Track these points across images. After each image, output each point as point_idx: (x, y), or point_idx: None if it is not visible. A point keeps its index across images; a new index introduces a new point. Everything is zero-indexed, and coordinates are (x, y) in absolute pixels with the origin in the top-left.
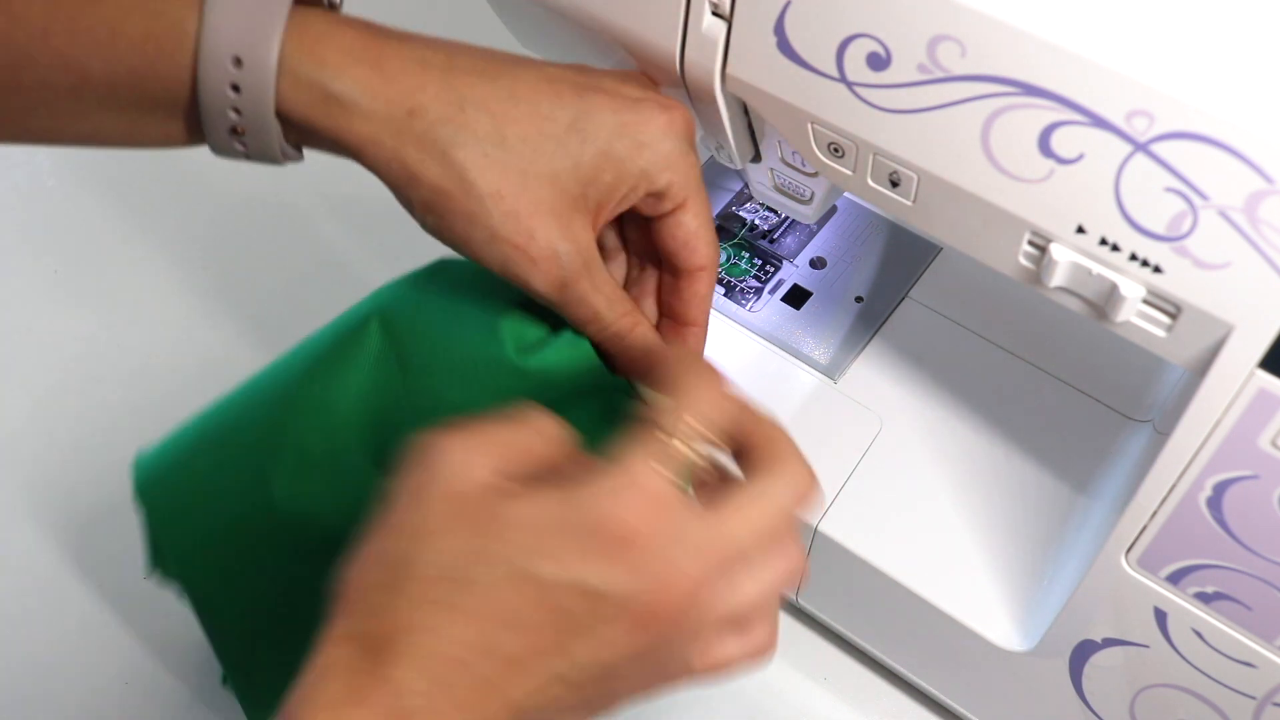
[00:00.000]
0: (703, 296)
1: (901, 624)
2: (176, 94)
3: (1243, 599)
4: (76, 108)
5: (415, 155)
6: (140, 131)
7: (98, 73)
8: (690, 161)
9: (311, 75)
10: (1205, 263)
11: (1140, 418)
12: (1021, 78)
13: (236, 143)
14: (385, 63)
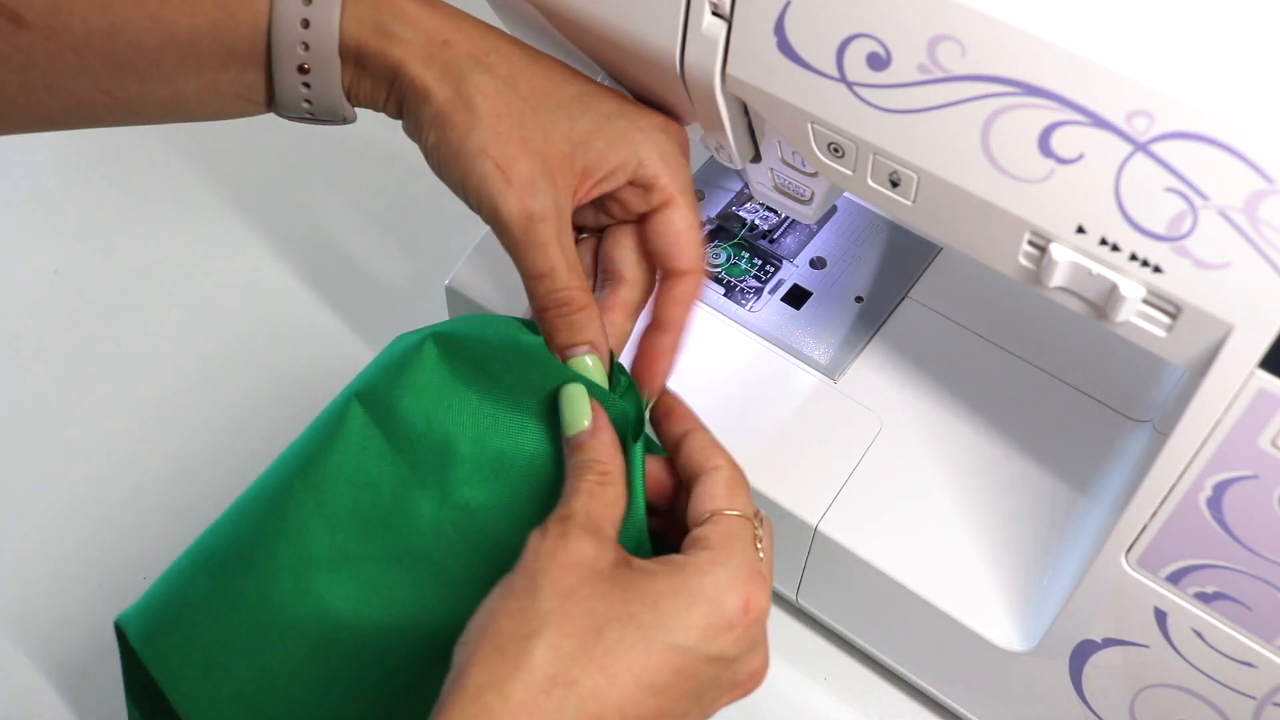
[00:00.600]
0: (686, 299)
1: (901, 624)
2: (252, 41)
3: (1243, 599)
4: (161, 69)
5: (435, 76)
6: (216, 89)
7: (184, 28)
8: (681, 164)
9: (369, 13)
10: (1205, 263)
11: (1140, 418)
12: (1021, 78)
13: (302, 84)
14: (425, 8)
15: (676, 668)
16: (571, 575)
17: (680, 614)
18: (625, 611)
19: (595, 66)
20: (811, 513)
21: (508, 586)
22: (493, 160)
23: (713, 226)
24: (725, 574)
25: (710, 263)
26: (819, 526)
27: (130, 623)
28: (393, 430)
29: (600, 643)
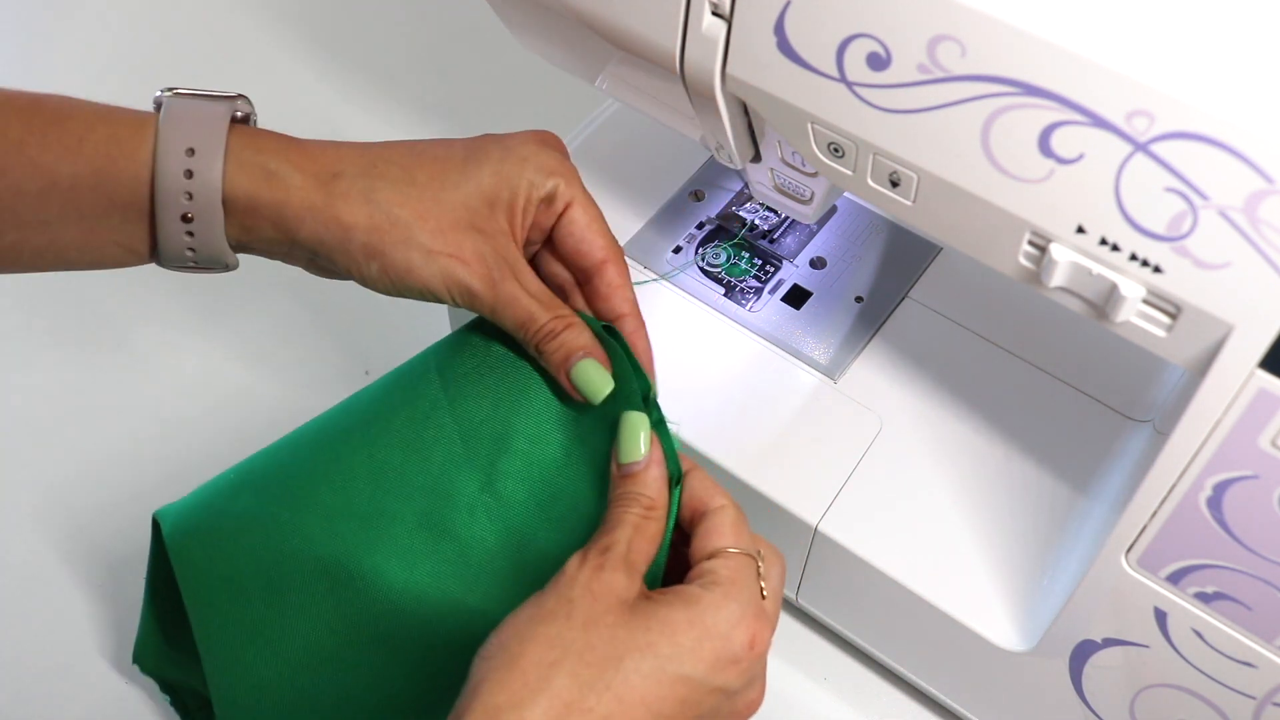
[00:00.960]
0: (619, 286)
1: (901, 624)
2: (134, 191)
3: (1243, 599)
4: (42, 217)
5: (344, 207)
6: (96, 239)
7: (65, 176)
8: (569, 168)
9: (253, 159)
10: (1205, 263)
11: (1140, 418)
12: (1021, 78)
13: (185, 233)
14: (308, 148)
15: (684, 697)
16: (599, 605)
17: (694, 647)
18: (645, 641)
19: (594, 68)
20: (811, 513)
21: (539, 607)
22: (443, 255)
23: (713, 226)
24: (736, 610)
25: (711, 262)
26: (819, 526)
27: (167, 518)
28: (460, 408)
29: (618, 672)
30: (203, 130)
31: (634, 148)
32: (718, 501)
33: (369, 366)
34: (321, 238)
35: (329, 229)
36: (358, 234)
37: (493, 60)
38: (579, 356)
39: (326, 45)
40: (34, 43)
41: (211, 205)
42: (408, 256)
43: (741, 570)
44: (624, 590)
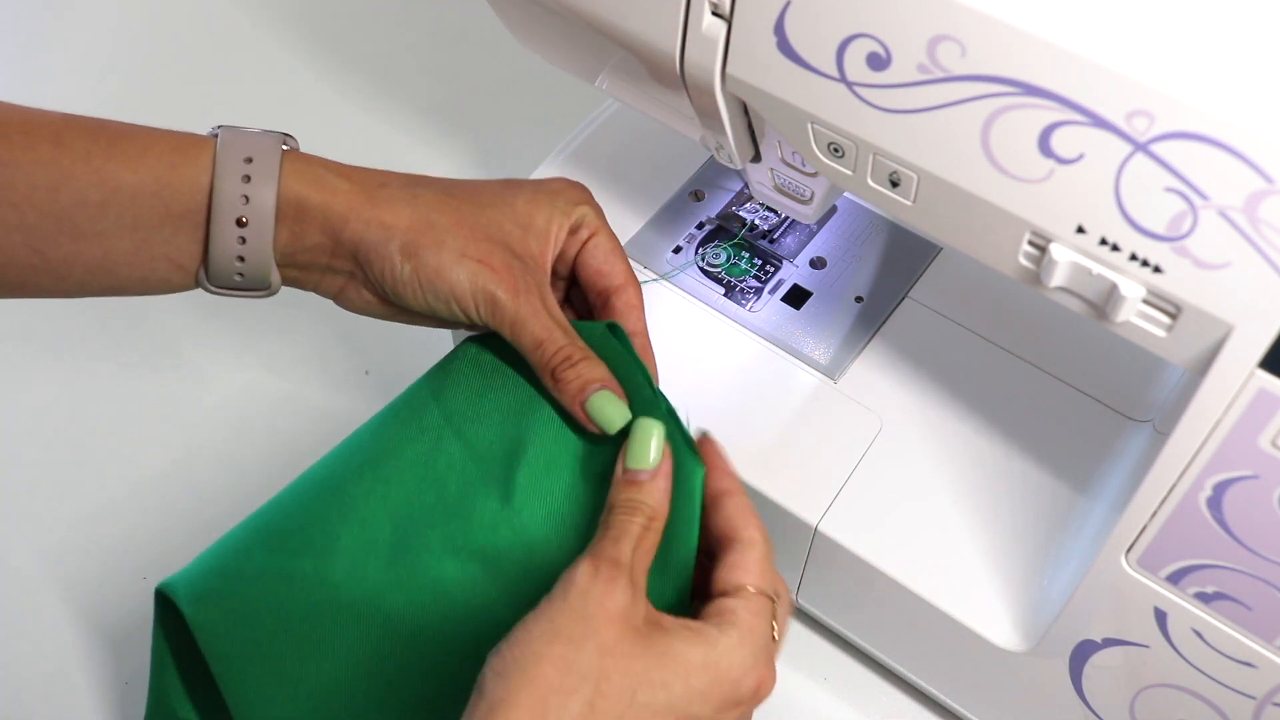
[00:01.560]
0: (635, 307)
1: (901, 624)
2: (193, 198)
3: (1243, 599)
4: (99, 226)
5: (387, 209)
6: (148, 250)
7: (128, 184)
8: (594, 205)
9: (305, 168)
10: (1205, 263)
11: (1140, 418)
12: (1021, 78)
13: (238, 239)
14: (356, 167)
15: None
16: (614, 630)
17: (705, 690)
18: (660, 680)
19: (594, 68)
20: (811, 513)
21: (553, 625)
22: (473, 258)
23: (713, 226)
24: (748, 658)
25: (711, 262)
26: (819, 526)
27: (179, 588)
28: (466, 433)
29: (631, 707)
30: (259, 147)
31: (634, 148)
32: (749, 533)
33: (369, 366)
34: (364, 236)
35: (371, 228)
36: (397, 233)
37: (493, 60)
38: (595, 388)
39: (326, 45)
40: (34, 43)
41: (266, 208)
42: (440, 258)
43: (760, 613)
44: (631, 611)
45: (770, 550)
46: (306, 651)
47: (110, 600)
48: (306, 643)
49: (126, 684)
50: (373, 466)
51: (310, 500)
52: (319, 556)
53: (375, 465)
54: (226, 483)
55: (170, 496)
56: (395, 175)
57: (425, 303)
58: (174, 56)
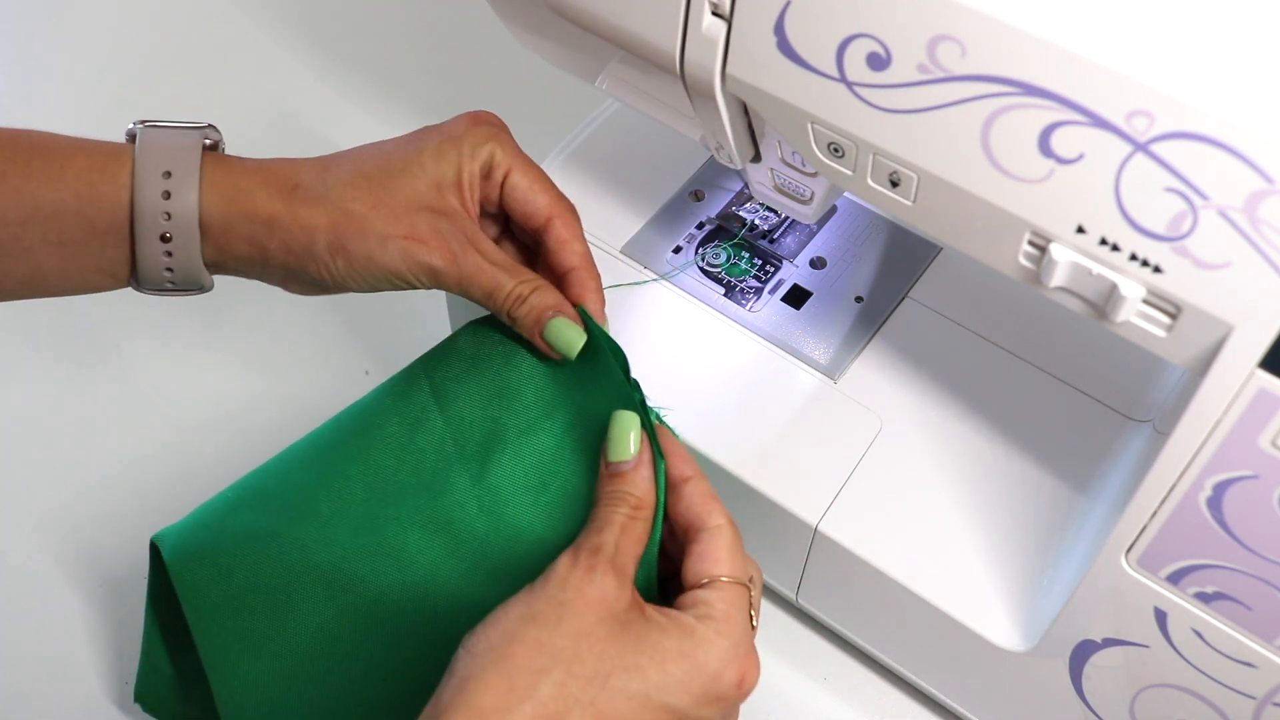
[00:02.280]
0: (566, 240)
1: (901, 624)
2: (115, 215)
3: (1243, 599)
4: (24, 244)
5: (305, 212)
6: (77, 265)
7: (48, 203)
8: (503, 138)
9: (224, 179)
10: (1205, 263)
11: (1140, 418)
12: (1021, 78)
13: (164, 253)
14: (271, 166)
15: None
16: (591, 614)
17: (683, 680)
18: (634, 663)
19: (594, 68)
20: (811, 513)
21: (530, 609)
22: (399, 238)
23: (713, 226)
24: (728, 649)
25: (711, 262)
26: (819, 526)
27: (166, 541)
28: (450, 410)
29: (604, 690)
30: (178, 155)
31: (634, 148)
32: (715, 520)
33: (369, 366)
34: (290, 246)
35: (295, 236)
36: (320, 235)
37: (493, 60)
38: (549, 315)
39: (326, 45)
40: (34, 43)
41: (189, 224)
42: (366, 246)
43: (735, 603)
44: (615, 598)
45: (737, 535)
46: (275, 610)
47: (109, 602)
48: (276, 602)
49: (126, 683)
50: (358, 437)
51: (298, 465)
52: (296, 520)
53: (361, 435)
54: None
55: (171, 499)
56: (308, 167)
57: (369, 285)
58: (174, 56)
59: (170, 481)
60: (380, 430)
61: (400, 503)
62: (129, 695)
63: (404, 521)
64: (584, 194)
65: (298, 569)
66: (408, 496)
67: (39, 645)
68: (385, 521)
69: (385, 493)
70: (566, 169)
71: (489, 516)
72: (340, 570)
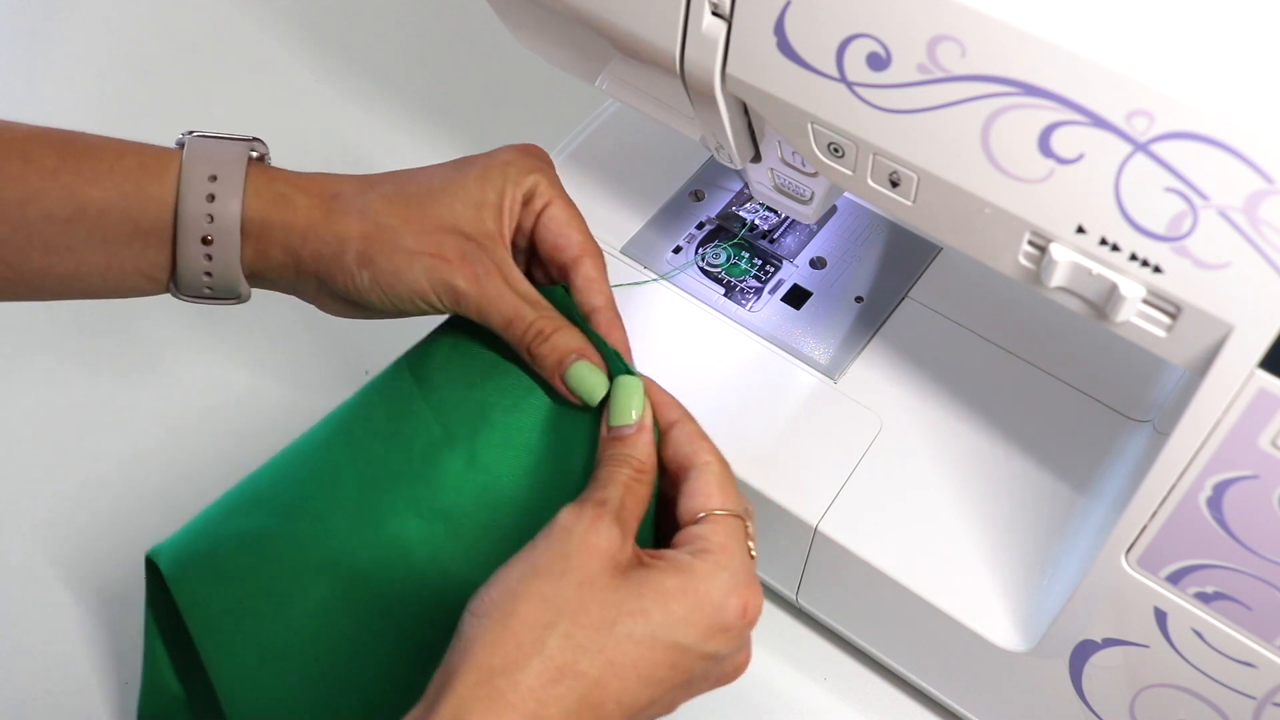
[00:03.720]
0: (594, 280)
1: (901, 624)
2: (159, 216)
3: (1243, 599)
4: (69, 242)
5: (341, 220)
6: (119, 264)
7: (95, 201)
8: (548, 172)
9: (267, 186)
10: (1205, 263)
11: (1140, 418)
12: (1021, 78)
13: (204, 256)
14: (315, 176)
15: (674, 663)
16: (595, 564)
17: (686, 616)
18: (639, 608)
19: (594, 68)
20: (811, 513)
21: (532, 565)
22: (426, 253)
23: (713, 226)
24: (728, 580)
25: (711, 262)
26: (819, 526)
27: (164, 554)
28: (435, 396)
29: (611, 636)
30: (224, 162)
31: (634, 148)
32: (704, 458)
33: (369, 366)
34: (321, 253)
35: (327, 244)
36: (350, 244)
37: (493, 60)
38: (573, 359)
39: (326, 45)
40: (34, 43)
41: (230, 228)
42: (394, 261)
43: (731, 534)
44: (618, 549)
45: (728, 470)
46: (277, 611)
47: (107, 608)
48: (277, 603)
49: (126, 684)
50: (345, 431)
51: (288, 466)
52: (290, 517)
53: (348, 429)
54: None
55: (171, 500)
56: (351, 181)
57: (391, 304)
58: (174, 56)
59: (170, 482)
60: (367, 422)
61: (395, 491)
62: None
63: (401, 511)
64: (584, 194)
65: (297, 567)
66: (402, 484)
67: (37, 648)
68: (382, 512)
69: (378, 482)
70: (566, 169)
71: (487, 499)
72: (341, 565)
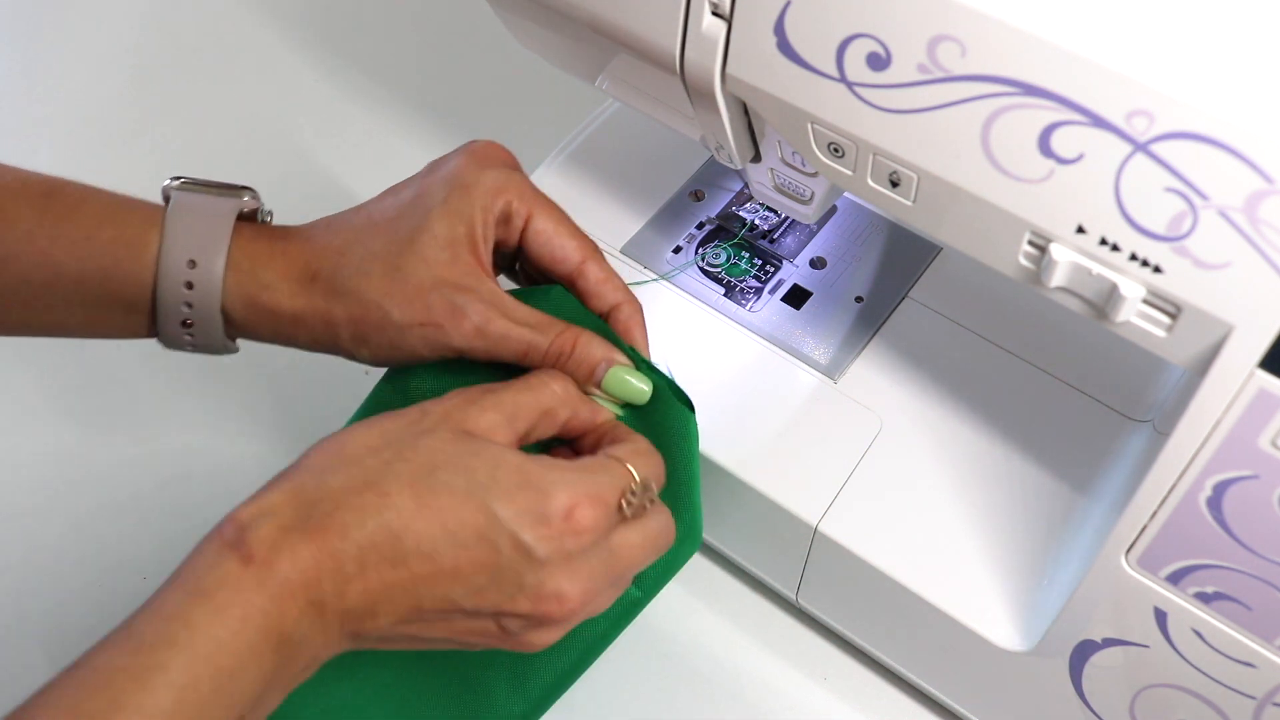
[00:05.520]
0: (604, 280)
1: (901, 624)
2: (137, 292)
3: (1243, 599)
4: (47, 302)
5: (325, 305)
6: (100, 323)
7: (71, 271)
8: (517, 179)
9: (249, 269)
10: (1205, 263)
11: (1140, 418)
12: (1021, 78)
13: (185, 334)
14: (290, 249)
15: (482, 530)
16: (446, 426)
17: (509, 487)
18: (467, 465)
19: (594, 68)
20: (811, 513)
21: (398, 411)
22: (416, 324)
23: (713, 226)
24: (567, 479)
25: (711, 262)
26: (819, 526)
27: None
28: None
29: (429, 476)
30: (206, 237)
31: (634, 148)
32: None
33: (368, 367)
34: (315, 338)
35: (319, 331)
36: (341, 329)
37: (493, 60)
38: (604, 369)
39: (327, 46)
40: (34, 43)
41: (211, 315)
42: (387, 336)
43: (608, 470)
44: (473, 422)
45: (656, 455)
46: None
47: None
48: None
49: None
50: None
51: None
52: None
53: None
54: (225, 490)
55: (171, 499)
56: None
57: (400, 362)
58: (174, 56)
59: (169, 483)
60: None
61: None
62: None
63: None
64: (584, 194)
65: None
66: None
67: None
68: None
69: None
70: (566, 169)
71: None
72: None
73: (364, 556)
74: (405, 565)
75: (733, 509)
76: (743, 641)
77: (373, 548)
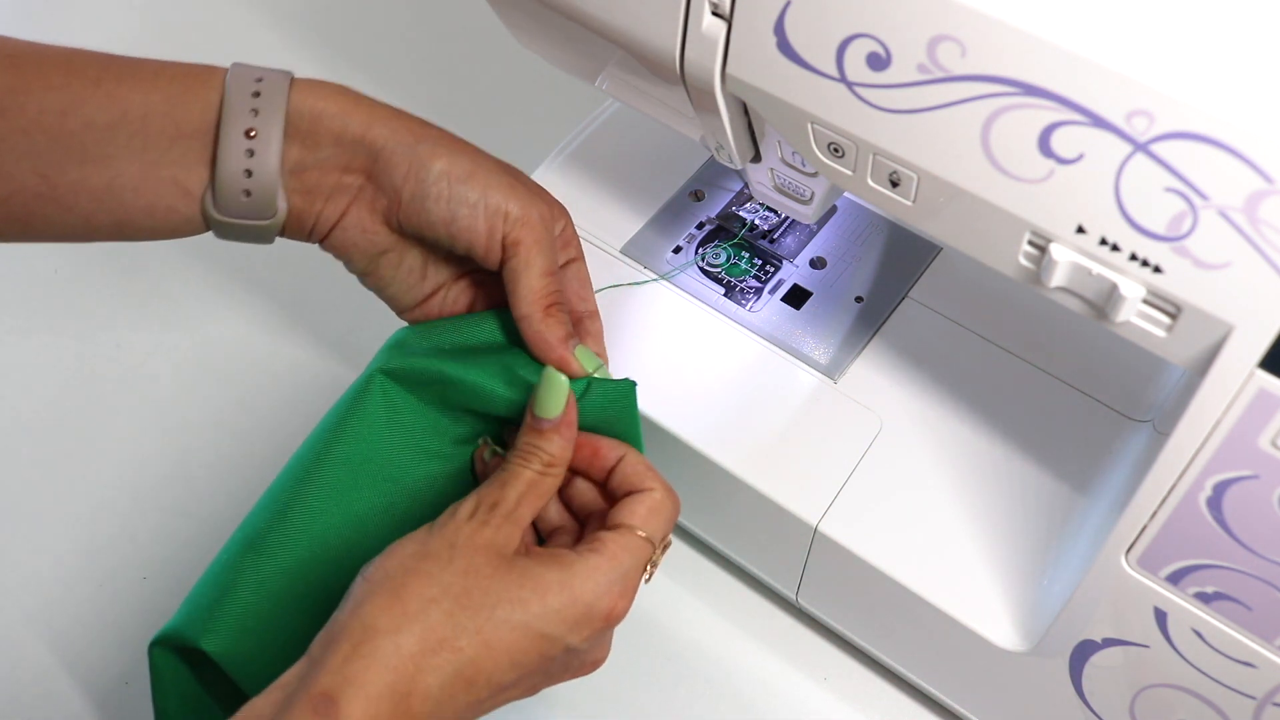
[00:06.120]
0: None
1: (901, 624)
2: (204, 116)
3: (1243, 599)
4: (106, 150)
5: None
6: (155, 175)
7: (138, 105)
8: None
9: (318, 87)
10: (1205, 263)
11: (1140, 418)
12: (1021, 78)
13: (245, 152)
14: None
15: (541, 651)
16: (481, 556)
17: (559, 609)
18: (518, 596)
19: (594, 68)
20: (811, 513)
21: (424, 548)
22: (507, 185)
23: (713, 226)
24: (603, 582)
25: (711, 262)
26: (819, 526)
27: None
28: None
29: (489, 620)
30: (271, 72)
31: (634, 148)
32: (648, 484)
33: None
34: (389, 140)
35: (398, 133)
36: (426, 139)
37: (493, 60)
38: (574, 342)
39: (327, 45)
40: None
41: (274, 120)
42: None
43: (629, 548)
44: (505, 544)
45: (668, 502)
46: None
47: (109, 607)
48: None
49: (127, 684)
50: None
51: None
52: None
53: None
54: (225, 488)
55: (170, 501)
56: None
57: (446, 210)
58: (174, 56)
59: (169, 483)
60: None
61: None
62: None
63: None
64: (584, 194)
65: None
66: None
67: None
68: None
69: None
70: (566, 169)
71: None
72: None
73: (440, 696)
74: (473, 691)
75: (733, 509)
76: (743, 641)
77: (447, 691)
